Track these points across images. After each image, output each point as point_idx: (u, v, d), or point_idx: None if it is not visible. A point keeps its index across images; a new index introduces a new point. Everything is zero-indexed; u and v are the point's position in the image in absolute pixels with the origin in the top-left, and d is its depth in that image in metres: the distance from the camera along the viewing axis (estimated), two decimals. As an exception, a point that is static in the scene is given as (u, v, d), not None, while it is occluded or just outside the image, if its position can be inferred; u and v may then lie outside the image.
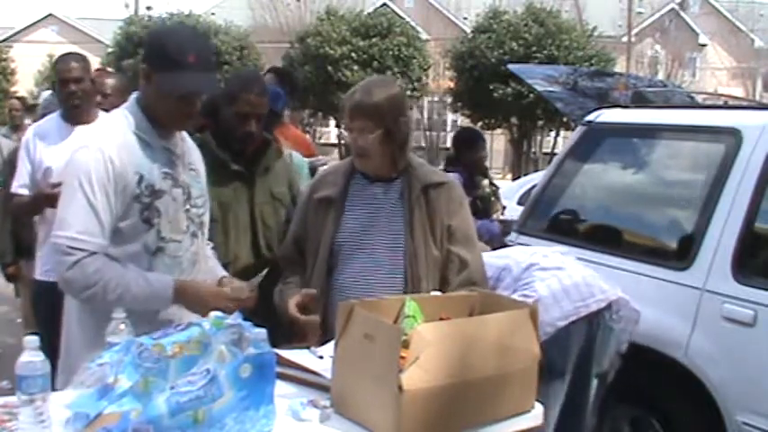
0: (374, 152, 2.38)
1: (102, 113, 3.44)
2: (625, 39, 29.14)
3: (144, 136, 2.10)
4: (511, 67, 5.37)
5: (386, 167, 2.43)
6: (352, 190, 2.46)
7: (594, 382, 3.06)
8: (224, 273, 2.40)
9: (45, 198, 3.22)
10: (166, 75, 2.05)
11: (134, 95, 2.19)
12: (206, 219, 2.32)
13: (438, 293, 2.25)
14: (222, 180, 2.76)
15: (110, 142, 2.05)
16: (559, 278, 2.95)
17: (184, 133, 2.29)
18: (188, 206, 2.20)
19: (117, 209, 2.04)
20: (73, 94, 3.31)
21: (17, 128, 6.62)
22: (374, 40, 21.84)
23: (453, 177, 2.81)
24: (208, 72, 2.13)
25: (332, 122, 26.54)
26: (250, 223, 2.81)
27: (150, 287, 2.04)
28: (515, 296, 2.83)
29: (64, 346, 2.22)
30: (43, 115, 4.25)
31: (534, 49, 20.86)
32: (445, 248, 2.40)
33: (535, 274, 2.96)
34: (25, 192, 3.40)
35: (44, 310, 3.38)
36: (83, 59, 3.47)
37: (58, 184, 3.00)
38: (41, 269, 3.35)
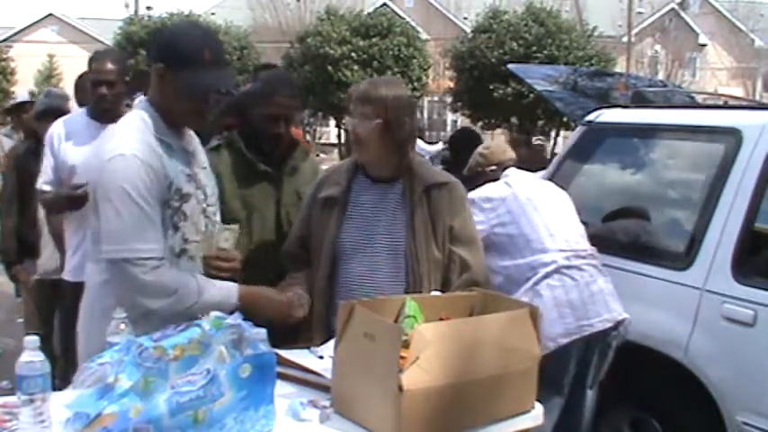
0: (371, 142, 2.37)
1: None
2: (625, 39, 29.13)
3: (165, 138, 2.09)
4: (511, 67, 5.35)
5: (384, 165, 2.43)
6: (354, 190, 2.47)
7: (590, 393, 3.06)
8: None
9: (67, 199, 3.21)
10: (184, 72, 2.04)
11: (143, 97, 2.16)
12: (218, 217, 2.32)
13: (439, 293, 2.25)
14: (249, 180, 2.75)
15: (142, 148, 2.01)
16: (567, 289, 2.92)
17: (190, 132, 2.27)
18: (204, 205, 2.20)
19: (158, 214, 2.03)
20: (103, 97, 3.26)
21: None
22: (374, 40, 21.82)
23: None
24: (223, 68, 2.15)
25: (332, 122, 26.53)
26: (276, 224, 2.79)
27: (220, 293, 2.08)
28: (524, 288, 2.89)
29: (83, 348, 2.18)
30: (42, 114, 4.24)
31: (534, 49, 20.85)
32: (447, 249, 2.40)
33: (544, 282, 2.94)
34: (48, 188, 3.39)
35: (62, 309, 3.38)
36: (121, 60, 3.40)
37: (81, 186, 3.00)
38: (69, 270, 3.35)
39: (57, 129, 3.43)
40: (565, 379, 2.94)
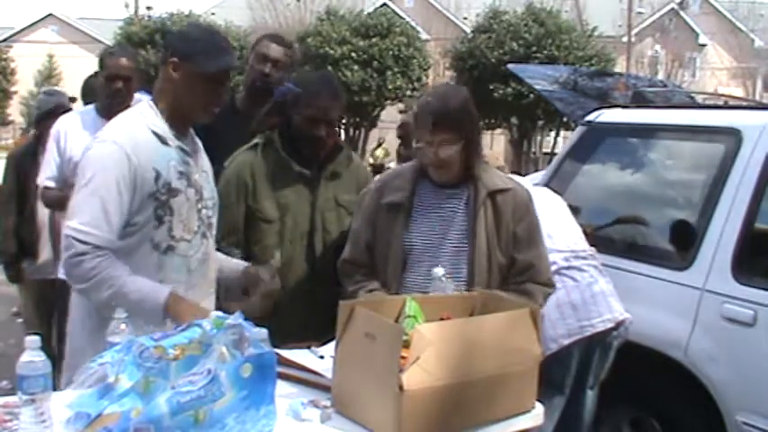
0: (454, 164, 2.34)
1: None
2: (625, 39, 29.15)
3: (160, 133, 2.11)
4: (511, 67, 5.33)
5: (459, 175, 2.40)
6: (419, 195, 2.42)
7: (590, 394, 3.06)
8: (245, 264, 2.42)
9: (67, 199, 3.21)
10: (200, 59, 2.09)
11: (145, 95, 2.20)
12: (214, 221, 2.31)
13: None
14: (284, 181, 2.69)
15: (127, 138, 2.05)
16: (568, 290, 2.92)
17: (196, 137, 2.28)
18: (199, 206, 2.20)
19: (133, 204, 2.04)
20: (118, 92, 3.26)
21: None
22: (374, 40, 21.82)
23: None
24: (232, 55, 2.22)
25: (332, 122, 26.56)
26: (309, 227, 2.72)
27: (141, 292, 2.02)
28: None
29: (69, 346, 2.21)
30: (38, 117, 4.24)
31: (534, 49, 20.86)
32: (510, 254, 2.38)
33: None
34: (52, 184, 3.38)
35: (59, 308, 3.37)
36: (134, 58, 3.42)
37: None
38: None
39: (64, 126, 3.42)
40: (566, 379, 2.94)
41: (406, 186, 2.43)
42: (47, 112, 4.15)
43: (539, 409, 1.93)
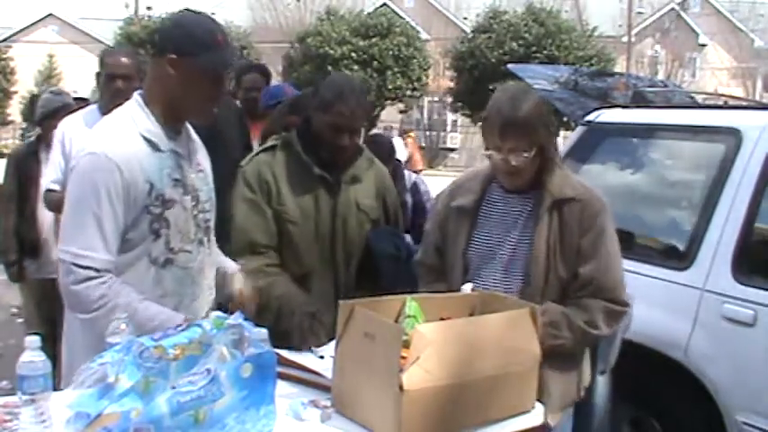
0: (527, 171, 2.24)
1: None
2: (625, 39, 29.16)
3: (152, 138, 2.00)
4: (511, 67, 5.32)
5: (530, 181, 2.29)
6: (487, 200, 2.35)
7: (600, 380, 3.05)
8: (224, 270, 2.33)
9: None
10: (201, 57, 1.98)
11: (137, 94, 2.07)
12: (212, 223, 2.22)
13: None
14: (304, 185, 2.57)
15: (118, 149, 1.93)
16: None
17: (192, 131, 2.19)
18: (196, 212, 2.10)
19: (126, 220, 1.94)
20: (119, 92, 3.16)
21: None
22: (374, 40, 21.85)
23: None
24: (232, 51, 2.14)
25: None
26: (330, 232, 2.60)
27: (155, 321, 1.92)
28: None
29: (66, 349, 2.15)
30: (42, 116, 4.25)
31: (534, 49, 20.91)
32: (574, 269, 2.23)
33: None
34: (57, 187, 3.38)
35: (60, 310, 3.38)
36: (134, 56, 3.39)
37: None
38: None
39: (68, 128, 3.40)
40: None
41: (477, 190, 2.35)
42: (52, 111, 4.15)
43: (539, 408, 1.94)
